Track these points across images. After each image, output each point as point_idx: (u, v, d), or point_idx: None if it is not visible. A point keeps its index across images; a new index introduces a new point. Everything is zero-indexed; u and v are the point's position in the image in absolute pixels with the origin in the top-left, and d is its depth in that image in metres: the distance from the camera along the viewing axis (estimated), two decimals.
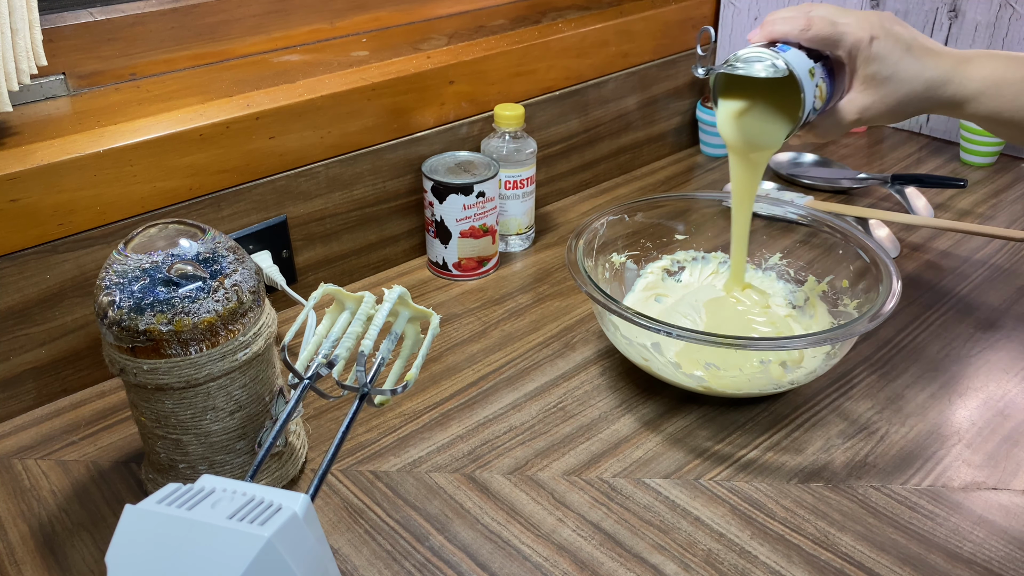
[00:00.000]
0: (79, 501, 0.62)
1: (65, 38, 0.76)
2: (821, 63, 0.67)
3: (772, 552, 0.57)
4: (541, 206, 1.03)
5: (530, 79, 0.97)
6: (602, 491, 0.62)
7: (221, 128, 0.74)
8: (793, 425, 0.69)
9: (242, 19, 0.87)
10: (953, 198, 1.05)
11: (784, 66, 0.64)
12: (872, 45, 0.65)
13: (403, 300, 0.57)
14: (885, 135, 1.25)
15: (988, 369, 0.75)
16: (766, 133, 0.69)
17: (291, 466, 0.63)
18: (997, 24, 1.14)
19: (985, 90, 0.67)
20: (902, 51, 0.66)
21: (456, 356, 0.78)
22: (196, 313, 0.53)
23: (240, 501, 0.43)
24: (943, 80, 0.67)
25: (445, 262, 0.89)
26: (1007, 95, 0.66)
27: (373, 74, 0.85)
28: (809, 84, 0.65)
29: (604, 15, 1.06)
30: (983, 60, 0.68)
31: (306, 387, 0.54)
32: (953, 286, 0.87)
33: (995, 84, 0.67)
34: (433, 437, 0.68)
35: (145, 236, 0.56)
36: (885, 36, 0.66)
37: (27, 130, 0.71)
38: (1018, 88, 0.66)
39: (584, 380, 0.74)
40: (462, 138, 0.93)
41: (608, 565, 0.56)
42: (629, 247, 0.83)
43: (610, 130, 1.09)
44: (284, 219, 0.81)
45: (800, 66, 0.65)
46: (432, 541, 0.58)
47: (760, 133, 0.69)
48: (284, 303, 0.83)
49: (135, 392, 0.57)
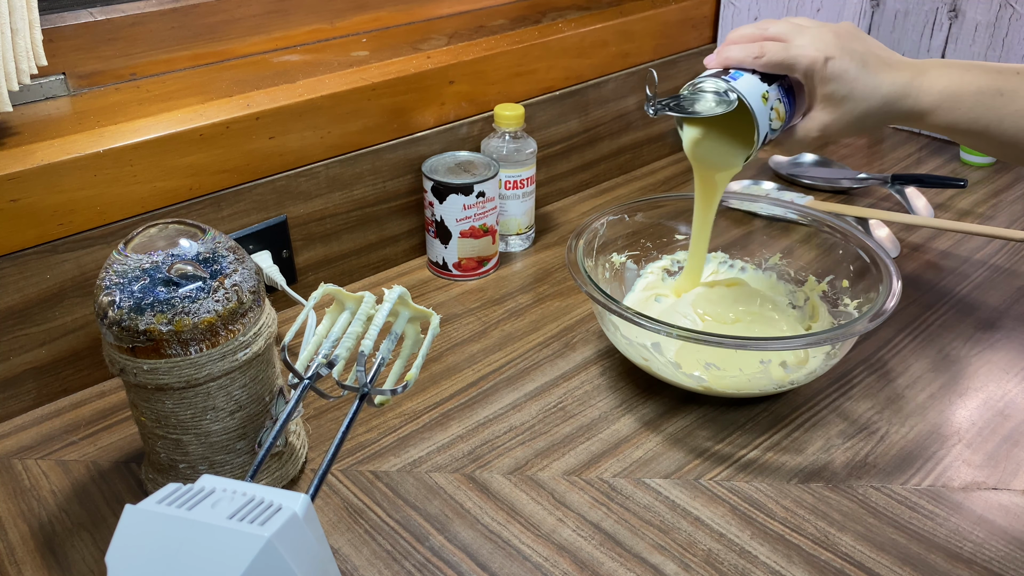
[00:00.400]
0: (79, 501, 0.62)
1: (65, 38, 0.76)
2: (778, 83, 0.68)
3: (772, 552, 0.57)
4: (541, 206, 1.03)
5: (530, 79, 0.97)
6: (602, 491, 0.62)
7: (221, 128, 0.74)
8: (793, 425, 0.69)
9: (242, 19, 0.87)
10: (953, 198, 1.05)
11: (735, 97, 0.66)
12: (827, 65, 0.66)
13: (403, 300, 0.57)
14: (885, 135, 1.25)
15: (988, 369, 0.75)
16: (725, 157, 0.71)
17: (291, 466, 0.63)
18: (997, 24, 1.14)
19: (942, 103, 0.67)
20: (858, 68, 0.67)
21: (456, 356, 0.78)
22: (196, 313, 0.53)
23: (240, 501, 0.43)
24: (900, 95, 0.68)
25: (445, 262, 0.89)
26: (963, 107, 0.67)
27: (373, 74, 0.85)
28: (763, 110, 0.66)
29: (604, 15, 1.06)
30: (939, 71, 0.68)
31: (306, 387, 0.54)
32: (953, 286, 0.87)
33: (951, 96, 0.67)
34: (433, 437, 0.68)
35: (145, 236, 0.56)
36: (840, 54, 0.66)
37: (27, 130, 0.71)
38: (973, 100, 0.67)
39: (584, 380, 0.74)
40: (462, 138, 0.93)
41: (608, 565, 0.56)
42: (629, 247, 0.83)
43: (610, 130, 1.09)
44: (284, 219, 0.81)
45: (752, 93, 0.66)
46: (432, 541, 0.58)
47: (719, 157, 0.72)
48: (284, 303, 0.83)
49: (135, 392, 0.57)
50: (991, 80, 0.67)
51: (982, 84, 0.67)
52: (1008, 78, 0.67)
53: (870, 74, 0.67)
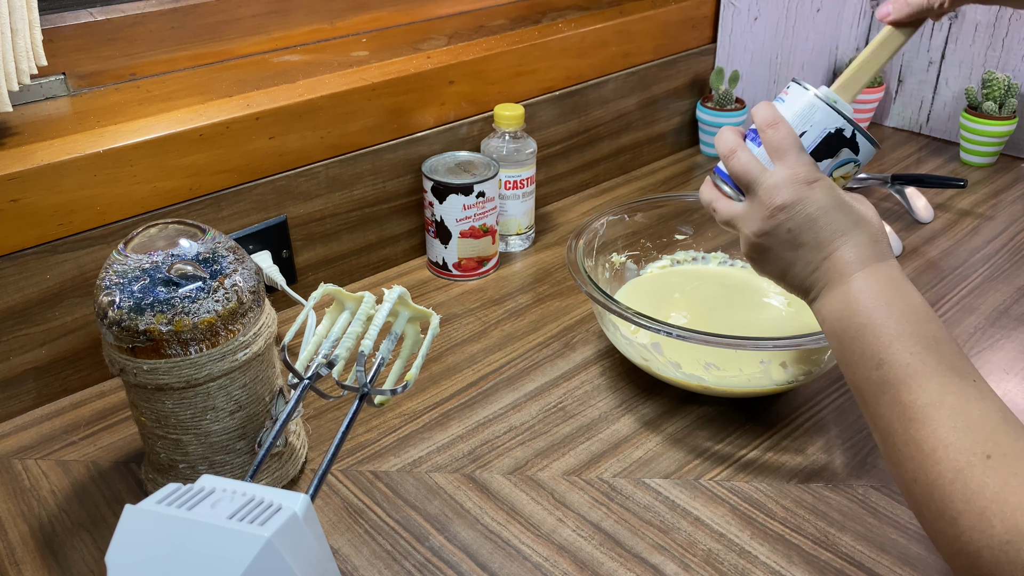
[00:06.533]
0: (79, 501, 0.62)
1: (65, 38, 0.76)
2: None
3: (772, 552, 0.57)
4: (541, 206, 1.03)
5: (530, 79, 0.97)
6: (602, 491, 0.62)
7: (221, 128, 0.74)
8: (793, 425, 0.69)
9: (242, 19, 0.87)
10: (953, 198, 1.05)
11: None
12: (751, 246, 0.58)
13: (403, 300, 0.57)
14: (885, 135, 1.25)
15: (988, 369, 0.75)
16: None
17: (291, 466, 0.63)
18: (997, 24, 1.14)
19: (827, 331, 0.55)
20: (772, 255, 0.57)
21: (456, 356, 0.78)
22: (196, 313, 0.53)
23: (240, 501, 0.43)
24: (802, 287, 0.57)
25: (445, 262, 0.89)
26: (839, 343, 0.54)
27: (373, 74, 0.85)
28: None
29: (604, 15, 1.06)
30: (833, 300, 0.54)
31: (306, 387, 0.54)
32: (953, 286, 0.87)
33: (833, 335, 0.54)
34: (433, 437, 0.68)
35: (145, 236, 0.56)
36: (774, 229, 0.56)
37: (27, 130, 0.71)
38: (851, 340, 0.53)
39: (584, 380, 0.74)
40: (462, 138, 0.93)
41: (608, 565, 0.56)
42: (629, 247, 0.83)
43: (610, 130, 1.09)
44: (284, 219, 0.81)
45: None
46: (432, 541, 0.58)
47: None
48: (284, 303, 0.83)
49: (135, 392, 0.57)
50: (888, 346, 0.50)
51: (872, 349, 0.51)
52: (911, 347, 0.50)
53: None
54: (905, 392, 0.49)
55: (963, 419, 0.47)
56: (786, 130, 0.56)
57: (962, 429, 0.46)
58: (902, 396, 0.49)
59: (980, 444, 0.45)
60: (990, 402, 0.48)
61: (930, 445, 0.47)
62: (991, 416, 0.47)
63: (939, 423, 0.47)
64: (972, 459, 0.45)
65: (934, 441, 0.47)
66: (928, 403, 0.48)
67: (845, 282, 0.54)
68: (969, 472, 0.45)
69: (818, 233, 0.55)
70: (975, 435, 0.46)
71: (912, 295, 0.52)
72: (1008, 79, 1.10)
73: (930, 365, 0.49)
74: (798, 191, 0.55)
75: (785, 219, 0.55)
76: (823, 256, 0.55)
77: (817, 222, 0.55)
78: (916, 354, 0.49)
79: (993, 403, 0.48)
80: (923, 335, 0.50)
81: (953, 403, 0.47)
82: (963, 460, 0.45)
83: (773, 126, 0.57)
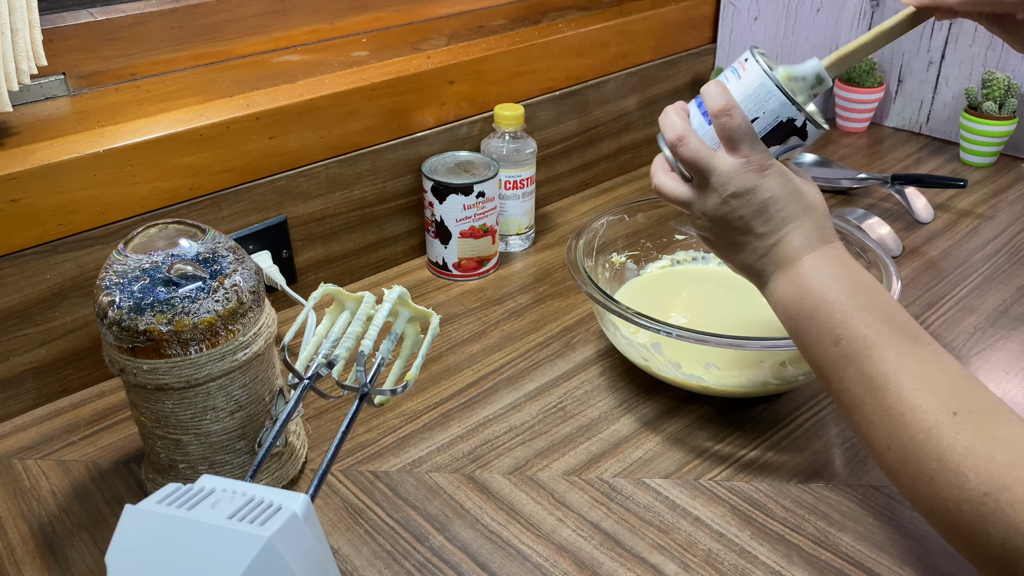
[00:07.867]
0: (79, 501, 0.62)
1: (65, 38, 0.76)
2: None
3: (772, 552, 0.57)
4: (541, 206, 1.03)
5: (530, 79, 0.97)
6: (602, 491, 0.62)
7: (221, 128, 0.74)
8: (793, 425, 0.69)
9: (242, 19, 0.87)
10: (953, 198, 1.05)
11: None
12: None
13: (403, 300, 0.57)
14: (885, 135, 1.25)
15: (988, 369, 0.75)
16: None
17: (291, 466, 0.63)
18: None
19: (780, 315, 0.57)
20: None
21: (456, 356, 0.78)
22: (196, 313, 0.53)
23: (240, 501, 0.43)
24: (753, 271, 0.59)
25: (445, 262, 0.89)
26: (794, 324, 0.55)
27: (373, 74, 0.85)
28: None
29: (604, 15, 1.06)
30: (786, 283, 0.56)
31: (306, 387, 0.54)
32: (953, 286, 0.87)
33: (786, 315, 0.56)
34: (433, 437, 0.68)
35: (145, 236, 0.56)
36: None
37: (27, 130, 0.71)
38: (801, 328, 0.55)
39: (584, 380, 0.74)
40: (462, 138, 0.93)
41: (608, 565, 0.56)
42: (629, 247, 0.83)
43: (610, 130, 1.09)
44: (284, 219, 0.81)
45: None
46: (432, 541, 0.58)
47: None
48: (284, 303, 0.83)
49: (135, 392, 0.57)
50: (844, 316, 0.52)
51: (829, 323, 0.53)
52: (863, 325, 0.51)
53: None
54: (867, 363, 0.50)
55: (925, 381, 0.48)
56: (740, 118, 0.56)
57: (926, 391, 0.48)
58: (864, 368, 0.50)
59: (945, 403, 0.47)
60: (947, 362, 0.49)
61: (897, 410, 0.48)
62: (950, 375, 0.49)
63: (903, 388, 0.48)
64: (940, 418, 0.46)
65: (901, 406, 0.48)
66: (890, 370, 0.49)
67: (795, 265, 0.55)
68: (938, 431, 0.46)
69: (769, 220, 0.56)
70: (939, 395, 0.47)
71: (859, 271, 0.54)
72: (1008, 79, 1.10)
73: (886, 335, 0.50)
74: (751, 179, 0.56)
75: (738, 205, 0.56)
76: (772, 242, 0.56)
77: (768, 210, 0.56)
78: (871, 326, 0.51)
79: (950, 362, 0.49)
80: (875, 307, 0.52)
81: (914, 367, 0.49)
82: (931, 420, 0.47)
83: (727, 113, 0.56)
